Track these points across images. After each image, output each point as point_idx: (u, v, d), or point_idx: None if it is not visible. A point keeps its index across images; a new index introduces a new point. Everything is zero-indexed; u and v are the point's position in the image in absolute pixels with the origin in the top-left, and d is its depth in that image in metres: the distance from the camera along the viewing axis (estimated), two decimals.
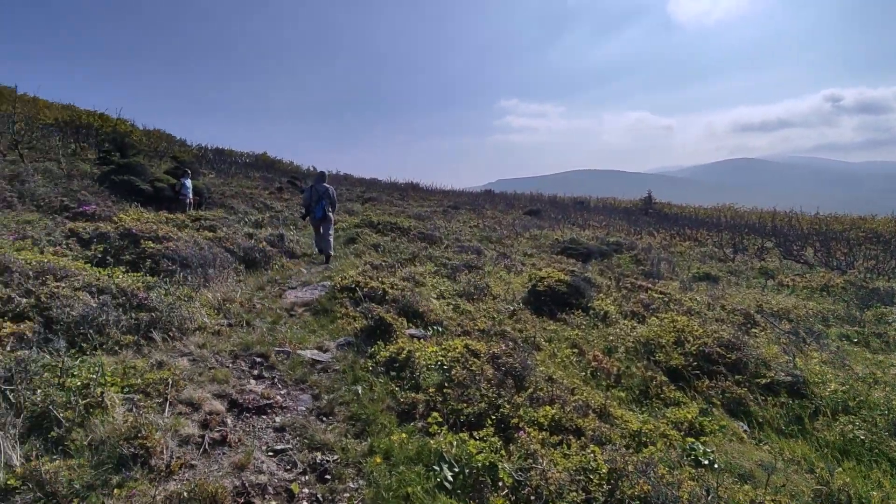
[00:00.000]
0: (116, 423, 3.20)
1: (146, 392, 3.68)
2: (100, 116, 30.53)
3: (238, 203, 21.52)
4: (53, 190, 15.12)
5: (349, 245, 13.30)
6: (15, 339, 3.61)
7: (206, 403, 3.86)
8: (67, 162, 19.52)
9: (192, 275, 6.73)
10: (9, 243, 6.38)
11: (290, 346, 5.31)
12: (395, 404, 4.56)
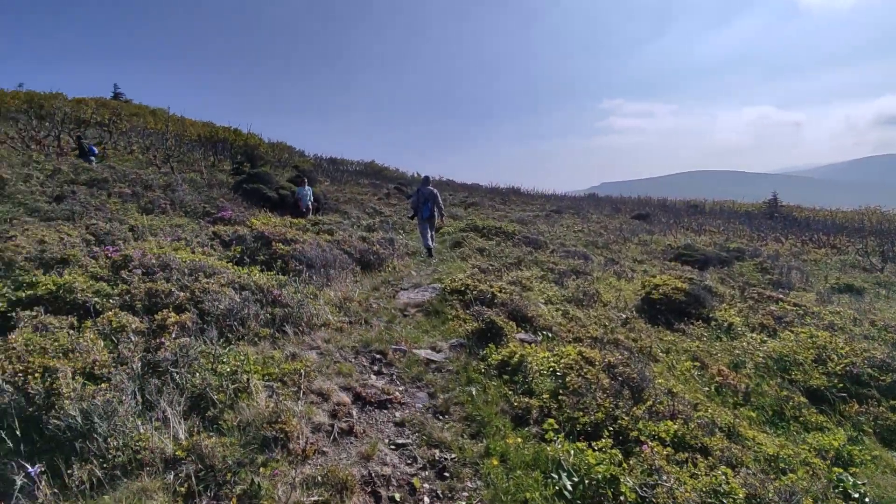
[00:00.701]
0: (260, 407, 3.53)
1: (283, 381, 4.02)
2: (233, 131, 34.07)
3: (351, 208, 22.83)
4: (197, 197, 17.09)
5: (455, 249, 13.53)
6: (178, 328, 4.14)
7: (334, 395, 4.12)
8: (208, 172, 21.96)
9: (316, 275, 7.25)
10: (167, 244, 7.31)
11: (406, 345, 5.52)
12: (508, 408, 4.56)
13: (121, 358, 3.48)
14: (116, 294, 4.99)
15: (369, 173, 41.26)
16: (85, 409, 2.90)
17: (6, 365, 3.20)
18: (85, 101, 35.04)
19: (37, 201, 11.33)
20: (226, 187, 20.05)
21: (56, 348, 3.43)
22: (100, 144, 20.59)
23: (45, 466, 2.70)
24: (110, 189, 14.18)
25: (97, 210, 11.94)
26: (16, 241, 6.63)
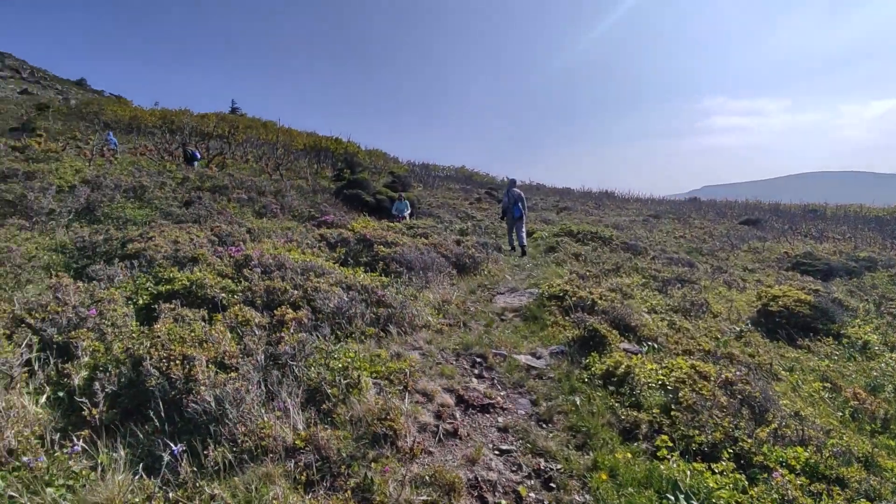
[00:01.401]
0: (370, 403, 3.65)
1: (389, 379, 4.13)
2: (334, 140, 36.09)
3: (443, 212, 23.22)
4: (303, 202, 18.24)
5: (549, 253, 13.26)
6: (295, 324, 4.41)
7: (438, 396, 4.17)
8: (312, 179, 23.40)
9: (416, 277, 7.42)
10: (281, 245, 7.85)
11: (506, 350, 5.46)
12: (615, 420, 4.35)
13: (247, 350, 3.77)
14: (240, 290, 5.43)
15: (459, 178, 41.79)
16: (218, 395, 3.16)
17: (153, 351, 3.58)
18: (207, 116, 38.84)
19: (170, 206, 12.69)
20: (328, 193, 21.24)
21: (192, 338, 3.79)
22: (220, 154, 22.64)
23: (186, 446, 2.98)
24: (230, 195, 15.54)
25: (219, 214, 13.13)
26: (155, 242, 7.44)
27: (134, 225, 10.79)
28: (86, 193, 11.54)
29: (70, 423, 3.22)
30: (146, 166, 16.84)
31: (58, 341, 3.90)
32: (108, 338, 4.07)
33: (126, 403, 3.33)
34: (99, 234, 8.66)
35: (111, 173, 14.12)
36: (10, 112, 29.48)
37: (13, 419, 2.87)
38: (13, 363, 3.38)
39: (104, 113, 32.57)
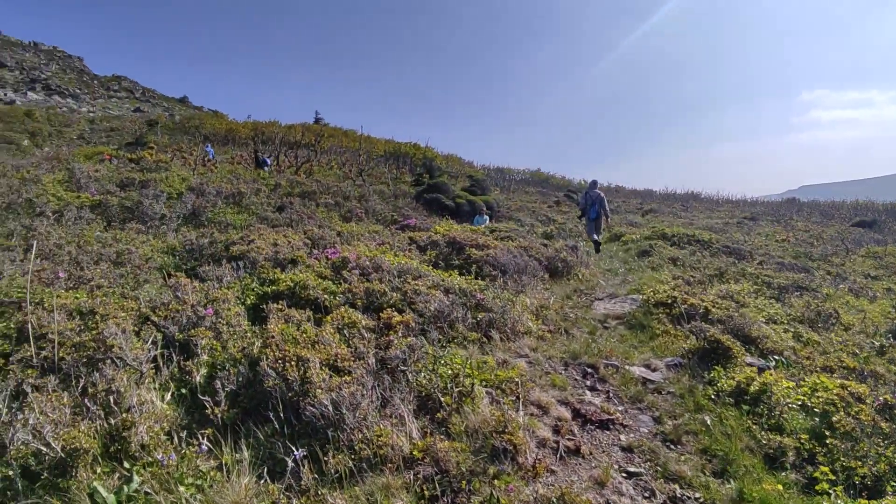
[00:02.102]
0: (484, 414, 3.42)
1: (501, 388, 3.89)
2: (413, 146, 36.72)
3: (523, 216, 22.80)
4: (385, 206, 18.54)
5: (643, 258, 12.50)
6: (403, 328, 4.30)
7: (553, 408, 3.87)
8: (393, 184, 23.81)
9: (510, 280, 7.15)
10: (374, 247, 7.87)
11: (617, 360, 5.06)
12: (754, 445, 3.84)
13: (357, 353, 3.68)
14: (340, 292, 5.42)
15: (535, 181, 41.09)
16: (334, 399, 3.07)
17: (268, 352, 3.58)
18: (294, 127, 40.83)
19: (265, 211, 13.27)
20: (408, 197, 21.49)
21: (305, 340, 3.75)
22: (307, 162, 23.62)
23: (307, 451, 2.90)
24: (317, 200, 16.07)
25: (309, 218, 13.57)
26: (256, 244, 7.70)
27: (234, 228, 11.35)
28: (192, 200, 12.32)
29: (194, 420, 3.26)
30: (242, 174, 17.84)
31: (179, 339, 4.02)
32: (224, 336, 4.14)
33: (245, 403, 3.33)
34: (204, 237, 9.14)
35: (212, 181, 15.05)
36: (126, 128, 32.57)
37: (145, 414, 2.91)
38: (142, 359, 3.49)
39: (204, 127, 35.17)
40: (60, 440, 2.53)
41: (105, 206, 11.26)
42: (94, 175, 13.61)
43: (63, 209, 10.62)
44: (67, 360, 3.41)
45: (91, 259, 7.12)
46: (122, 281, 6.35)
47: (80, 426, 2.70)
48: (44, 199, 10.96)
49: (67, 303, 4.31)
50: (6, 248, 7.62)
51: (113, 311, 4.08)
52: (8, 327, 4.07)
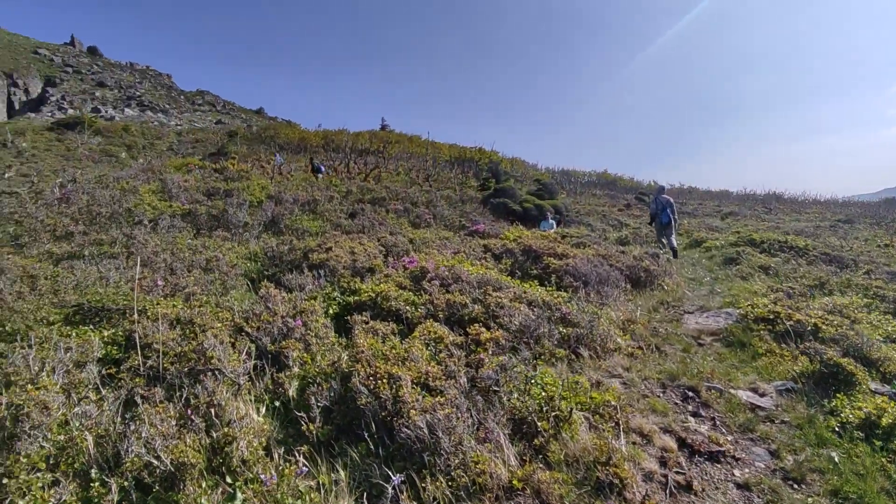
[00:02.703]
0: (584, 442, 3.20)
1: (598, 412, 3.65)
2: (478, 150, 36.65)
3: (593, 220, 22.08)
4: (453, 212, 18.53)
5: (729, 266, 11.68)
6: (493, 344, 4.15)
7: (656, 437, 3.58)
8: (459, 189, 23.82)
9: (592, 292, 6.84)
10: (450, 256, 7.80)
11: (720, 383, 4.65)
12: (891, 487, 3.37)
13: (448, 371, 3.57)
14: (422, 304, 5.36)
15: (603, 184, 39.80)
16: (429, 421, 2.96)
17: (358, 367, 3.54)
18: (362, 134, 41.94)
19: (338, 217, 13.60)
20: (475, 202, 21.39)
21: (394, 356, 3.69)
22: (376, 168, 24.09)
23: (404, 477, 2.80)
24: (387, 206, 16.30)
25: (380, 224, 13.77)
26: (335, 252, 7.83)
27: (310, 235, 11.69)
28: (271, 208, 12.83)
29: (289, 435, 3.26)
30: (316, 181, 18.43)
31: (271, 350, 4.08)
32: (313, 349, 4.17)
33: (338, 420, 3.30)
34: (284, 244, 9.45)
35: (289, 189, 15.64)
36: (209, 139, 34.71)
37: (244, 429, 2.93)
38: (239, 372, 3.55)
39: (278, 136, 36.81)
40: (170, 453, 2.58)
41: (194, 214, 11.94)
42: (183, 185, 14.50)
43: (158, 218, 11.36)
44: (171, 370, 3.53)
45: (184, 266, 7.51)
46: (212, 287, 6.63)
47: (185, 439, 2.75)
48: (141, 209, 11.78)
49: (168, 312, 4.50)
50: (111, 255, 8.20)
51: (210, 322, 4.21)
52: (117, 334, 4.30)
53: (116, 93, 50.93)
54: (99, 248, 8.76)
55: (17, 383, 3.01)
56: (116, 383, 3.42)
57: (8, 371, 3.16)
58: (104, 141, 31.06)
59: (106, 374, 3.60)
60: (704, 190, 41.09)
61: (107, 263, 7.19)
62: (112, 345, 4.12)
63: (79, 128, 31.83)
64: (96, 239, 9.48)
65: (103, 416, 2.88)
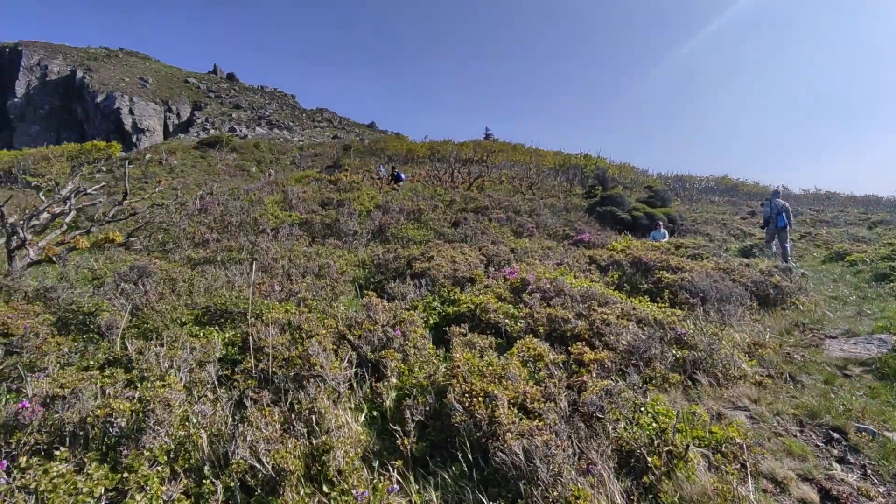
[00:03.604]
0: (703, 484, 2.83)
1: (719, 450, 3.23)
2: (583, 157, 35.50)
3: (712, 229, 20.29)
4: (557, 221, 18.03)
5: (881, 283, 10.04)
6: (598, 366, 3.89)
7: (793, 485, 3.08)
8: (563, 197, 23.17)
9: (712, 310, 6.19)
10: (552, 267, 7.52)
11: (872, 424, 3.93)
12: None
13: (547, 393, 3.38)
14: (521, 317, 5.18)
15: (722, 189, 36.52)
16: (526, 447, 2.80)
17: (454, 383, 3.46)
18: (465, 144, 42.53)
19: (442, 227, 13.81)
20: (580, 210, 20.66)
21: (491, 373, 3.57)
22: (479, 177, 24.22)
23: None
24: (490, 215, 16.26)
25: (482, 233, 13.75)
26: (436, 262, 7.91)
27: (415, 244, 11.98)
28: (379, 217, 13.37)
29: (384, 447, 3.27)
30: (422, 191, 18.93)
31: (371, 359, 4.16)
32: (411, 359, 4.19)
33: (433, 436, 3.25)
34: (389, 252, 9.75)
35: (396, 199, 16.20)
36: (326, 153, 37.29)
37: (341, 439, 2.98)
38: (340, 379, 3.65)
39: (388, 148, 38.53)
40: (271, 458, 2.69)
41: (310, 223, 12.79)
42: (302, 196, 15.62)
43: (279, 226, 12.32)
44: (279, 374, 3.72)
45: (299, 272, 8.01)
46: (322, 293, 6.98)
47: (287, 444, 2.85)
48: (265, 218, 12.86)
49: (280, 317, 4.78)
50: (238, 260, 8.99)
51: (316, 328, 4.40)
52: (236, 336, 4.65)
53: (249, 113, 56.66)
54: (228, 254, 9.67)
55: (149, 379, 3.34)
56: (231, 384, 3.67)
57: (143, 367, 3.52)
58: (238, 157, 34.60)
59: (223, 375, 3.89)
60: (847, 195, 36.08)
61: (234, 268, 7.89)
62: (231, 346, 4.46)
63: (218, 146, 35.81)
64: (227, 245, 10.49)
65: (217, 416, 3.09)
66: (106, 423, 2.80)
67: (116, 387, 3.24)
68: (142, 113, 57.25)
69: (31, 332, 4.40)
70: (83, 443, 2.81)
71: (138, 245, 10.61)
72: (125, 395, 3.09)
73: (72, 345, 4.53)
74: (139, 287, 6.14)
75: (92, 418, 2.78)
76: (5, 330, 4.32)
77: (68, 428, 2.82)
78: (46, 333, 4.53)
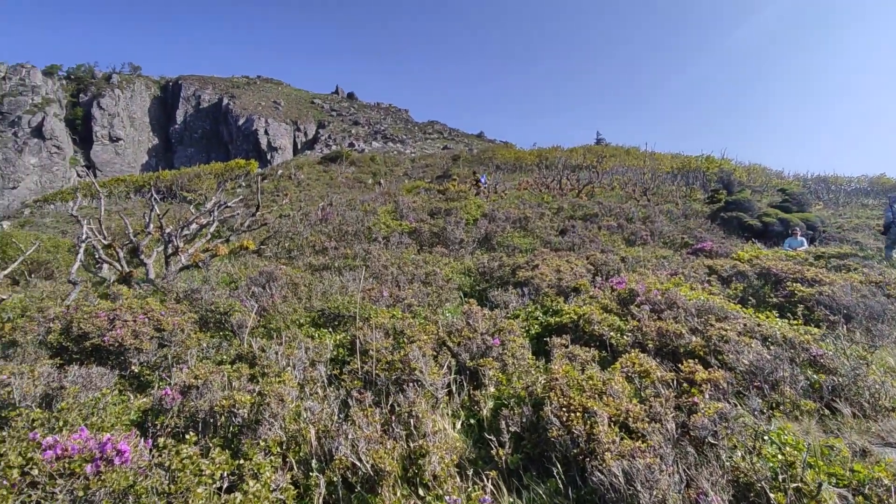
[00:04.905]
0: None
1: (862, 492, 2.79)
2: (705, 159, 32.87)
3: (862, 237, 17.70)
4: (674, 228, 16.87)
5: None
6: (711, 387, 3.57)
7: None
8: (682, 203, 21.62)
9: (858, 329, 5.39)
10: (665, 278, 7.05)
11: None
12: None
13: (653, 413, 3.16)
14: (628, 330, 4.92)
15: (877, 191, 31.57)
16: (627, 469, 2.64)
17: (552, 396, 3.38)
18: (575, 150, 41.46)
19: (548, 235, 13.57)
20: (701, 217, 19.14)
21: (591, 387, 3.43)
22: (589, 184, 23.46)
23: None
24: (599, 223, 15.66)
25: (591, 241, 13.29)
26: (540, 270, 7.78)
27: (520, 252, 11.91)
28: (485, 225, 13.48)
29: (479, 456, 3.28)
30: (529, 199, 18.77)
31: (469, 366, 4.21)
32: (510, 369, 4.17)
33: (528, 449, 3.19)
34: (494, 260, 9.79)
35: (502, 207, 16.24)
36: (436, 164, 38.49)
37: (437, 444, 3.04)
38: (438, 385, 3.73)
39: (495, 157, 38.76)
40: (371, 457, 2.82)
41: (419, 232, 13.26)
42: (412, 206, 16.26)
43: (390, 235, 12.93)
44: (381, 376, 3.90)
45: (407, 279, 8.33)
46: (428, 300, 7.19)
47: (385, 445, 2.97)
48: (378, 227, 13.57)
49: (385, 321, 5.02)
50: (352, 267, 9.58)
51: (417, 334, 4.55)
52: (345, 339, 4.96)
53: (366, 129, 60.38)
54: (344, 261, 10.34)
55: (269, 375, 3.68)
56: (339, 383, 3.92)
57: (264, 364, 3.89)
58: (356, 170, 36.95)
59: (333, 374, 4.17)
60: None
61: (348, 274, 8.42)
62: (341, 347, 4.76)
63: (339, 160, 38.58)
64: (343, 253, 11.23)
65: (325, 413, 3.31)
66: (230, 413, 3.14)
67: (241, 380, 3.61)
68: (275, 133, 63.60)
69: (178, 328, 5.06)
70: (212, 429, 3.17)
71: (268, 252, 11.75)
72: (247, 389, 3.44)
73: (210, 340, 5.14)
74: (266, 290, 6.79)
75: (218, 407, 3.14)
76: (159, 325, 5.02)
77: (200, 415, 3.20)
78: (190, 330, 5.18)
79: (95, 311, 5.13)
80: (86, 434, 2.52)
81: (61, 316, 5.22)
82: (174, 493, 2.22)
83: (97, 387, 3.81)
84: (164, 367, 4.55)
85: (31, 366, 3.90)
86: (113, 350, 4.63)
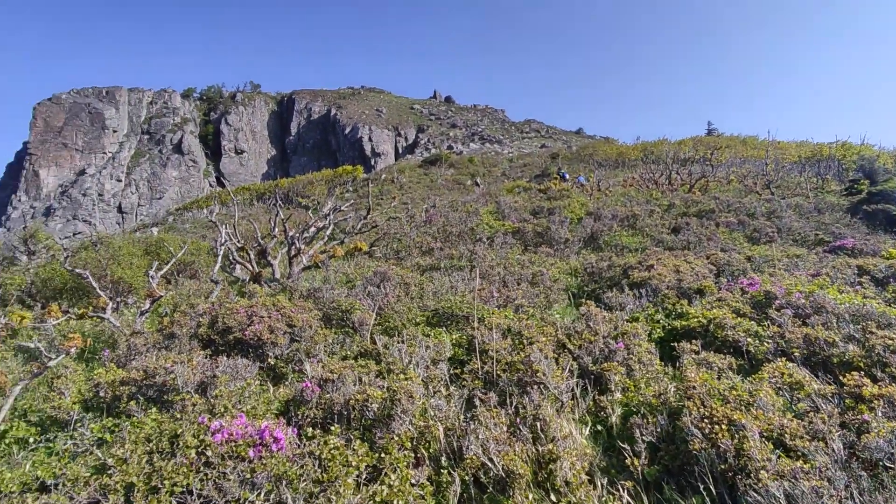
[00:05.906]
0: None
1: None
2: (840, 146, 29.21)
3: None
4: (805, 224, 15.13)
5: None
6: (884, 403, 3.12)
7: None
8: (813, 195, 19.35)
9: None
10: (806, 279, 6.33)
11: None
12: None
13: (813, 430, 2.83)
14: (768, 336, 4.47)
15: None
16: (789, 491, 2.38)
17: (690, 406, 3.15)
18: (684, 142, 38.76)
19: (660, 233, 12.79)
20: (838, 210, 16.98)
21: (735, 398, 3.15)
22: (702, 178, 21.79)
23: None
24: (716, 219, 14.49)
25: (708, 240, 12.32)
26: (657, 271, 7.34)
27: (629, 251, 11.34)
28: (590, 224, 13.03)
29: (611, 464, 3.14)
30: (635, 196, 17.85)
31: (592, 370, 4.06)
32: (636, 374, 3.96)
33: (666, 461, 3.00)
34: (603, 260, 9.41)
35: (607, 205, 15.60)
36: (535, 163, 37.96)
37: (567, 449, 2.95)
38: (562, 388, 3.64)
39: (596, 154, 37.35)
40: (501, 459, 2.81)
41: (522, 231, 13.13)
42: (513, 206, 16.15)
43: (493, 235, 12.94)
44: (503, 377, 3.88)
45: (514, 279, 8.27)
46: (537, 301, 7.07)
47: (514, 447, 2.95)
48: (481, 228, 13.64)
49: (500, 322, 5.00)
50: (458, 267, 9.71)
51: (535, 335, 4.47)
52: (462, 338, 5.02)
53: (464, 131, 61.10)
54: (450, 262, 10.51)
55: (394, 371, 3.81)
56: (460, 382, 3.97)
57: (389, 361, 4.03)
58: (455, 172, 37.49)
59: (453, 373, 4.23)
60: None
61: (455, 275, 8.54)
62: (458, 347, 4.82)
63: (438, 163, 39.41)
64: (449, 253, 11.42)
65: (450, 411, 3.36)
66: (363, 407, 3.29)
67: (370, 376, 3.78)
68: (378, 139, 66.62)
69: (307, 324, 5.42)
70: (347, 421, 3.35)
71: (378, 253, 12.27)
72: (377, 384, 3.59)
73: (334, 336, 5.45)
74: (381, 290, 7.07)
75: (353, 401, 3.30)
76: (290, 321, 5.41)
77: (336, 407, 3.39)
78: (317, 326, 5.53)
79: (236, 307, 5.66)
80: (244, 420, 2.76)
81: (208, 311, 5.82)
82: (325, 481, 2.35)
83: (242, 377, 4.19)
84: (296, 360, 4.90)
85: (188, 355, 4.38)
86: (252, 343, 5.07)
